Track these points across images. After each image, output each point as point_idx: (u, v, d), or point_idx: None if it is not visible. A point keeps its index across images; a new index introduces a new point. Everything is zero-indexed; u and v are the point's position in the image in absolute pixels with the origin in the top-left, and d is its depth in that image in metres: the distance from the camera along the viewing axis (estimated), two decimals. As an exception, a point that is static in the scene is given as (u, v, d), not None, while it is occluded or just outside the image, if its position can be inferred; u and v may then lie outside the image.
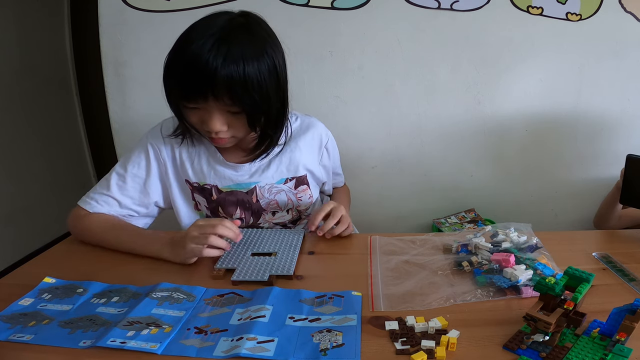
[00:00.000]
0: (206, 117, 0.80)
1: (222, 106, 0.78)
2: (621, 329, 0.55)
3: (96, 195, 0.92)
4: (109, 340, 0.58)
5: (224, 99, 0.76)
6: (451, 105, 1.63)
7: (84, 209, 0.92)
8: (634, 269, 0.77)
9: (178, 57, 0.78)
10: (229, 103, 0.77)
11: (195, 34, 0.76)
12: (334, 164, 1.13)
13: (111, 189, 0.91)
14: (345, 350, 0.57)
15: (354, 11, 1.52)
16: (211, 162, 0.95)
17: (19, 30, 2.17)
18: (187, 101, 0.79)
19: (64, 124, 2.53)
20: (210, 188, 0.95)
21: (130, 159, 0.94)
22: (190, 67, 0.75)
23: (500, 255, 0.74)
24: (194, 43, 0.75)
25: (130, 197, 0.93)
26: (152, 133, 0.97)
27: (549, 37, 1.55)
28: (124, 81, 1.59)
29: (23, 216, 2.23)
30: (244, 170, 0.95)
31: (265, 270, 0.76)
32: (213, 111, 0.79)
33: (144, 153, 0.94)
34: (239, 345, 0.57)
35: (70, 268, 0.80)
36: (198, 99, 0.77)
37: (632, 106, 1.63)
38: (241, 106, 0.78)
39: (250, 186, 0.96)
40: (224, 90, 0.75)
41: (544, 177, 1.74)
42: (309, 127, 1.02)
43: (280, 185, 0.97)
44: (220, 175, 0.95)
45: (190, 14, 1.52)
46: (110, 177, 0.93)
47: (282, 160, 0.97)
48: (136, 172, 0.93)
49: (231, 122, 0.82)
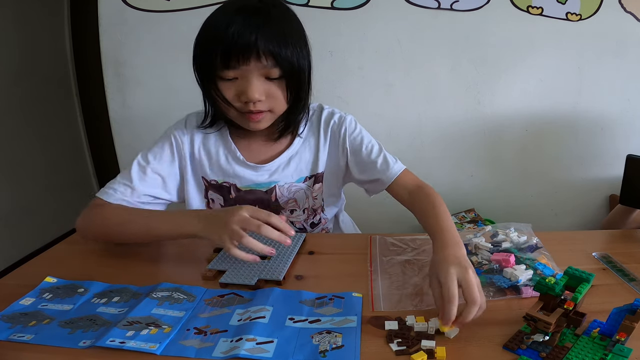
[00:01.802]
0: (245, 86, 0.79)
1: (262, 69, 0.79)
2: (621, 329, 0.55)
3: (115, 185, 0.89)
4: (109, 340, 0.58)
5: (267, 59, 0.77)
6: (451, 105, 1.64)
7: (101, 199, 0.88)
8: (634, 269, 0.77)
9: (210, 28, 0.80)
10: (271, 64, 0.78)
11: (229, 8, 0.79)
12: (365, 149, 0.97)
13: (132, 178, 0.89)
14: (344, 352, 0.57)
15: (354, 11, 1.53)
16: (231, 162, 0.95)
17: (19, 30, 2.17)
18: (227, 68, 0.78)
19: (64, 123, 2.53)
20: (229, 186, 0.95)
21: (152, 151, 0.93)
22: (233, 30, 0.75)
23: (500, 255, 0.74)
24: (233, 14, 0.77)
25: (151, 187, 0.91)
26: (176, 126, 0.96)
27: (549, 37, 1.55)
28: (124, 81, 1.59)
29: (23, 216, 2.23)
30: (264, 170, 0.95)
31: (254, 274, 0.75)
32: (252, 78, 0.79)
33: (167, 145, 0.94)
34: (238, 346, 0.57)
35: (70, 268, 0.79)
36: (240, 62, 0.77)
37: (632, 106, 1.63)
38: (282, 67, 0.79)
39: (270, 185, 0.95)
40: (267, 48, 0.76)
41: (544, 177, 1.74)
42: (326, 116, 0.99)
43: (299, 184, 0.97)
44: (240, 176, 0.95)
45: (190, 14, 1.53)
46: (132, 168, 0.91)
47: (302, 158, 0.96)
48: (157, 163, 0.92)
49: (269, 91, 0.81)
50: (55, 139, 2.45)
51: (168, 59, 1.56)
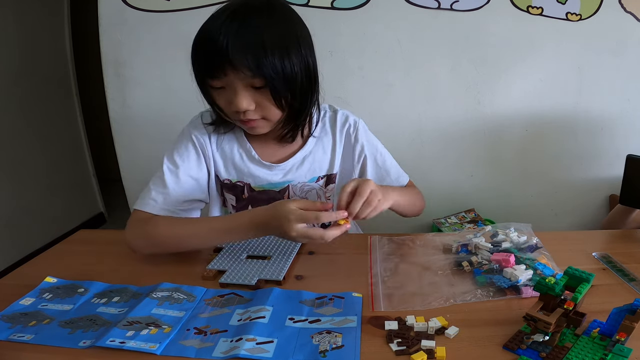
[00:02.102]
0: (231, 95, 0.78)
1: (243, 79, 0.76)
2: (621, 329, 0.55)
3: (153, 195, 0.87)
4: (109, 340, 0.58)
5: (242, 70, 0.75)
6: (451, 105, 1.64)
7: (145, 212, 0.85)
8: (634, 269, 0.77)
9: (197, 36, 0.78)
10: (249, 74, 0.75)
11: (214, 14, 0.78)
12: (375, 158, 1.00)
13: (168, 185, 0.87)
14: (344, 352, 0.57)
15: (354, 11, 1.53)
16: (245, 160, 0.94)
17: (19, 30, 2.17)
18: (210, 79, 0.78)
19: (64, 123, 2.53)
20: (243, 186, 0.95)
21: (177, 153, 0.91)
22: (205, 40, 0.75)
23: (500, 255, 0.74)
24: (211, 20, 0.77)
25: (188, 191, 0.90)
26: (193, 124, 0.95)
27: (549, 37, 1.55)
28: (124, 81, 1.59)
29: (23, 216, 2.23)
30: (278, 170, 0.94)
31: (254, 274, 0.75)
32: (237, 87, 0.77)
33: (191, 145, 0.92)
34: (238, 346, 0.57)
35: (70, 268, 0.80)
36: (218, 73, 0.76)
37: (632, 106, 1.63)
38: (262, 76, 0.75)
39: (284, 185, 0.95)
40: (240, 58, 0.73)
41: (544, 177, 1.74)
42: (340, 118, 0.98)
43: (312, 183, 0.97)
44: (254, 175, 0.94)
45: (190, 14, 1.53)
46: (163, 174, 0.89)
47: (315, 158, 0.96)
48: (187, 165, 0.91)
49: (258, 100, 0.79)
50: (55, 139, 2.45)
51: (168, 59, 1.56)
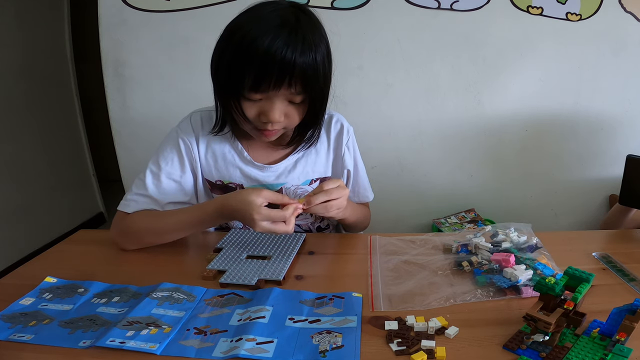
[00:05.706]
0: (267, 107, 0.79)
1: (288, 95, 0.79)
2: (621, 329, 0.55)
3: (134, 197, 0.89)
4: (108, 340, 0.58)
5: (295, 87, 0.77)
6: (451, 105, 1.64)
7: (124, 212, 0.88)
8: (634, 269, 0.77)
9: (249, 47, 0.74)
10: (299, 91, 0.78)
11: (260, 27, 0.74)
12: (355, 170, 1.02)
13: (148, 188, 0.88)
14: (344, 352, 0.57)
15: (354, 11, 1.53)
16: (237, 161, 0.94)
17: (19, 29, 2.17)
18: (256, 92, 0.78)
19: (64, 123, 2.53)
20: (236, 187, 0.95)
21: (162, 156, 0.92)
22: (267, 58, 0.73)
23: (500, 255, 0.74)
24: (265, 36, 0.73)
25: (169, 194, 0.91)
26: (182, 127, 0.94)
27: (549, 37, 1.55)
28: (124, 81, 1.59)
29: (23, 216, 2.23)
30: (271, 171, 0.94)
31: (254, 274, 0.75)
32: (276, 101, 0.79)
33: (175, 148, 0.92)
34: (237, 346, 0.57)
35: (70, 268, 0.79)
36: (271, 88, 0.76)
37: (632, 106, 1.63)
38: (310, 93, 0.79)
39: (277, 187, 0.95)
40: (299, 78, 0.76)
41: (544, 177, 1.74)
42: (335, 123, 0.99)
43: (305, 186, 0.96)
44: (247, 175, 0.94)
45: (190, 14, 1.53)
46: (145, 177, 0.90)
47: (308, 161, 0.96)
48: (170, 169, 0.91)
49: (289, 112, 0.82)
50: (55, 139, 2.44)
51: (168, 59, 1.56)
